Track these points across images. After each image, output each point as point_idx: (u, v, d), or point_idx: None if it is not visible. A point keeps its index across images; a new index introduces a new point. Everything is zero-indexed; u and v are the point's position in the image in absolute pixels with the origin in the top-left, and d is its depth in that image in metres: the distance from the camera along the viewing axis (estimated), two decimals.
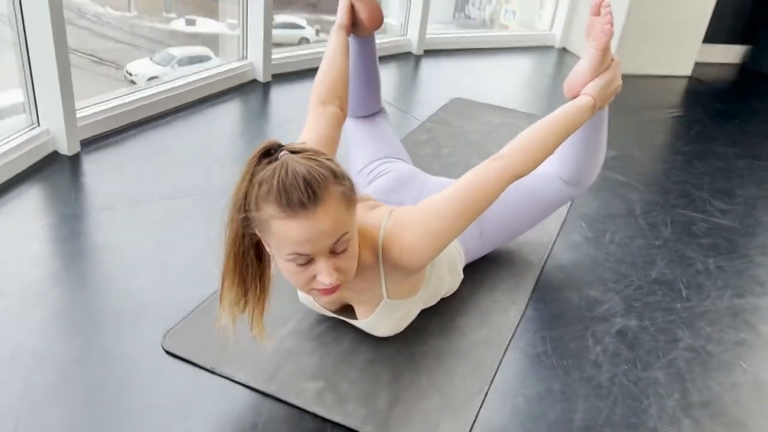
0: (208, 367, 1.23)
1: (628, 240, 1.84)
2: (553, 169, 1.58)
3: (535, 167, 1.24)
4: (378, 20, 1.57)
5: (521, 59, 3.71)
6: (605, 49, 1.32)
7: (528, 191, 1.58)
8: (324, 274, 1.02)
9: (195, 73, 2.55)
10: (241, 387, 1.20)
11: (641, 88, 3.33)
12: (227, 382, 1.21)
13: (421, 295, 1.31)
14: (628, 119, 2.84)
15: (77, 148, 2.00)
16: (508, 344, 1.38)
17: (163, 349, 1.27)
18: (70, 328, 1.30)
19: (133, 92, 2.29)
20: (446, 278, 1.40)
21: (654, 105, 3.10)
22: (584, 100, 1.31)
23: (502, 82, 3.31)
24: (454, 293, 1.50)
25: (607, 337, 1.44)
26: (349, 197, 1.03)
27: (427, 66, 3.34)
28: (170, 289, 1.44)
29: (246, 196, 0.99)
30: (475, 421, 1.17)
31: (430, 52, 3.52)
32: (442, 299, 1.47)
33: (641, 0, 3.34)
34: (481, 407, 1.20)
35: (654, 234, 1.89)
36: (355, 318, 1.31)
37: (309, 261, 1.02)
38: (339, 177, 1.01)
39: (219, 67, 2.66)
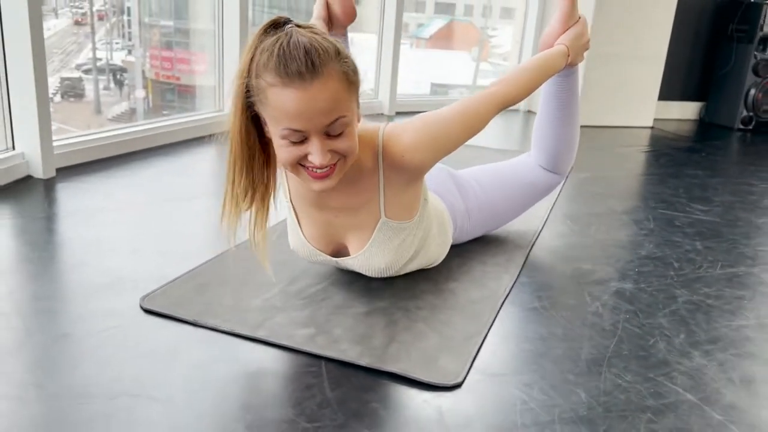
0: (191, 320, 1.15)
1: (613, 231, 1.84)
2: (532, 157, 1.63)
3: (523, 97, 1.29)
4: (351, 14, 1.64)
5: None
6: (573, 1, 1.40)
7: (510, 176, 1.62)
8: (317, 153, 0.99)
9: None
10: (226, 336, 1.12)
11: (609, 133, 3.46)
12: (212, 333, 1.13)
13: (417, 226, 1.27)
14: (601, 152, 2.92)
15: (52, 173, 1.97)
16: (504, 300, 1.32)
17: (142, 308, 1.19)
18: (44, 299, 1.22)
19: (119, 129, 2.31)
20: (434, 230, 1.36)
21: (623, 144, 3.20)
22: (559, 47, 1.38)
23: None
24: (444, 263, 1.45)
25: (605, 295, 1.39)
26: (351, 78, 1.02)
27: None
28: (147, 268, 1.37)
29: (249, 64, 0.99)
30: (476, 356, 1.10)
31: (402, 113, 3.63)
32: (432, 268, 1.43)
33: (596, 59, 3.54)
34: (481, 346, 1.14)
35: (639, 226, 1.89)
36: (349, 257, 1.27)
37: (303, 140, 1.00)
38: (342, 55, 1.01)
39: None
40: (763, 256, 1.71)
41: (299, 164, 1.04)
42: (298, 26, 1.01)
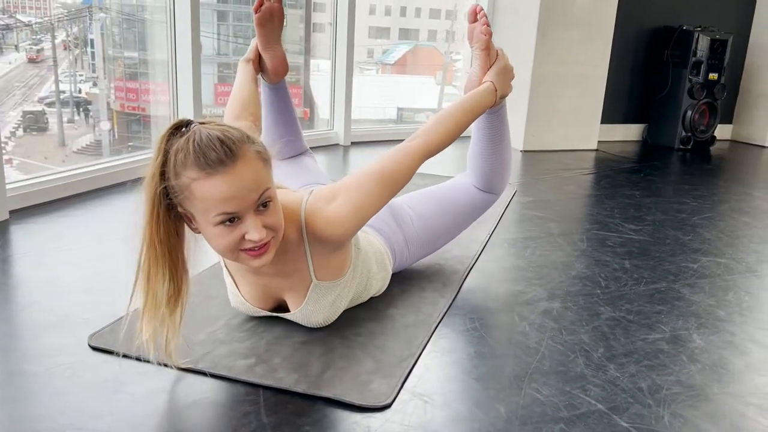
0: (136, 355, 1.21)
1: (547, 252, 1.95)
2: (467, 179, 1.71)
3: (449, 143, 1.35)
4: (282, 70, 1.69)
5: None
6: (488, 48, 1.50)
7: (447, 198, 1.69)
8: (253, 230, 1.06)
9: None
10: (170, 370, 1.18)
11: (552, 157, 3.60)
12: (156, 367, 1.18)
13: (351, 279, 1.34)
14: (542, 177, 3.06)
15: (6, 216, 2.01)
16: (438, 324, 1.41)
17: (89, 345, 1.24)
18: None
19: (73, 169, 2.35)
20: (374, 269, 1.44)
21: (565, 167, 3.34)
22: (485, 85, 1.46)
23: None
24: (384, 291, 1.54)
25: (533, 315, 1.49)
26: (264, 156, 1.10)
27: (356, 154, 3.54)
28: (98, 306, 1.42)
29: (163, 168, 1.04)
30: (406, 379, 1.18)
31: (357, 144, 3.73)
32: (373, 297, 1.51)
33: (539, 85, 3.71)
34: (412, 368, 1.22)
35: (571, 247, 2.01)
36: (288, 313, 1.33)
37: (236, 221, 1.06)
38: (251, 139, 1.09)
39: None
40: (685, 271, 1.83)
41: (238, 250, 1.10)
42: (202, 123, 1.07)
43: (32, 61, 3.97)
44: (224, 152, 1.03)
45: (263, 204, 1.08)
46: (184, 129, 1.07)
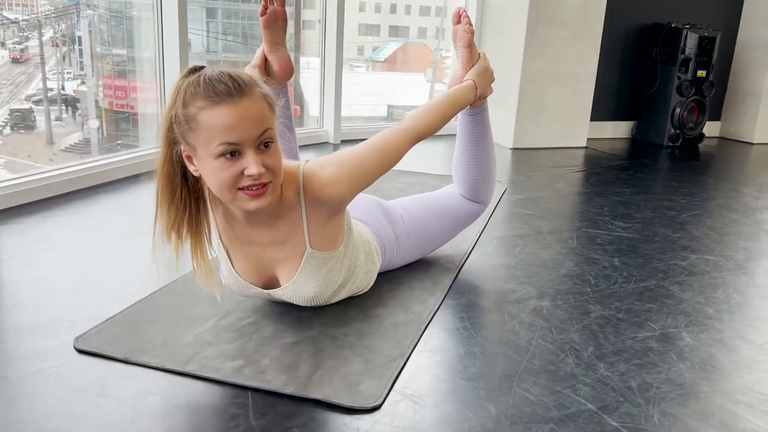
0: (122, 357, 1.19)
1: (537, 250, 1.95)
2: (455, 188, 1.74)
3: (434, 131, 1.40)
4: (288, 72, 1.74)
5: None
6: (470, 46, 1.57)
7: (437, 203, 1.72)
8: (252, 164, 1.08)
9: None
10: (157, 372, 1.16)
11: (542, 155, 3.61)
12: (144, 369, 1.17)
13: (343, 254, 1.34)
14: (532, 175, 3.06)
15: None
16: (428, 324, 1.40)
17: (75, 348, 1.23)
18: None
19: (60, 168, 2.33)
20: (361, 259, 1.44)
21: (554, 165, 3.35)
22: (466, 82, 1.52)
23: (414, 154, 3.51)
24: (374, 289, 1.53)
25: (523, 313, 1.49)
26: (270, 102, 1.14)
27: None
28: (84, 308, 1.41)
29: (174, 102, 1.09)
30: (396, 379, 1.17)
31: (348, 142, 3.72)
32: (362, 295, 1.50)
33: (528, 83, 3.71)
34: (402, 369, 1.21)
35: (561, 245, 2.01)
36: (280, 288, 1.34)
37: (237, 156, 1.09)
38: (260, 83, 1.13)
39: None
40: (674, 269, 1.84)
41: (235, 188, 1.12)
42: (213, 68, 1.12)
43: (16, 60, 3.93)
44: (233, 85, 1.08)
45: (264, 144, 1.12)
46: (198, 70, 1.12)
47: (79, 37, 4.14)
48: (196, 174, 1.15)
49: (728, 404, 1.15)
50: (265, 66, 1.71)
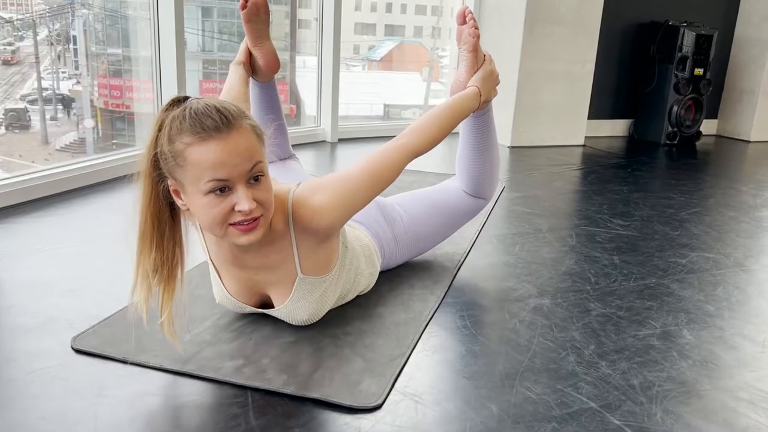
0: (120, 358, 1.18)
1: (536, 249, 1.94)
2: (456, 183, 1.71)
3: (434, 145, 1.36)
4: (274, 66, 1.70)
5: None
6: (475, 50, 1.50)
7: (437, 200, 1.70)
8: (243, 200, 1.05)
9: None
10: (156, 372, 1.15)
11: (540, 153, 3.60)
12: (142, 369, 1.16)
13: (337, 276, 1.32)
14: (530, 173, 3.06)
15: None
16: (428, 322, 1.40)
17: (73, 348, 1.21)
18: None
19: (54, 167, 2.31)
20: (363, 266, 1.43)
21: (553, 163, 3.35)
22: (470, 89, 1.47)
23: None
24: (373, 288, 1.52)
25: (523, 312, 1.48)
26: (259, 132, 1.10)
27: (343, 150, 3.52)
28: (81, 308, 1.40)
29: (158, 138, 1.04)
30: (397, 378, 1.16)
31: (345, 140, 3.71)
32: (362, 295, 1.49)
33: (526, 81, 3.70)
34: (403, 367, 1.20)
35: (560, 243, 2.00)
36: (273, 309, 1.31)
37: (227, 192, 1.05)
38: (247, 115, 1.09)
39: None
40: (674, 267, 1.83)
41: (226, 224, 1.08)
42: (198, 99, 1.07)
43: (6, 62, 3.91)
44: (220, 120, 1.03)
45: (255, 178, 1.08)
46: (180, 103, 1.07)
47: (74, 37, 4.12)
48: (184, 209, 1.11)
49: (730, 402, 1.15)
50: (249, 61, 1.68)
